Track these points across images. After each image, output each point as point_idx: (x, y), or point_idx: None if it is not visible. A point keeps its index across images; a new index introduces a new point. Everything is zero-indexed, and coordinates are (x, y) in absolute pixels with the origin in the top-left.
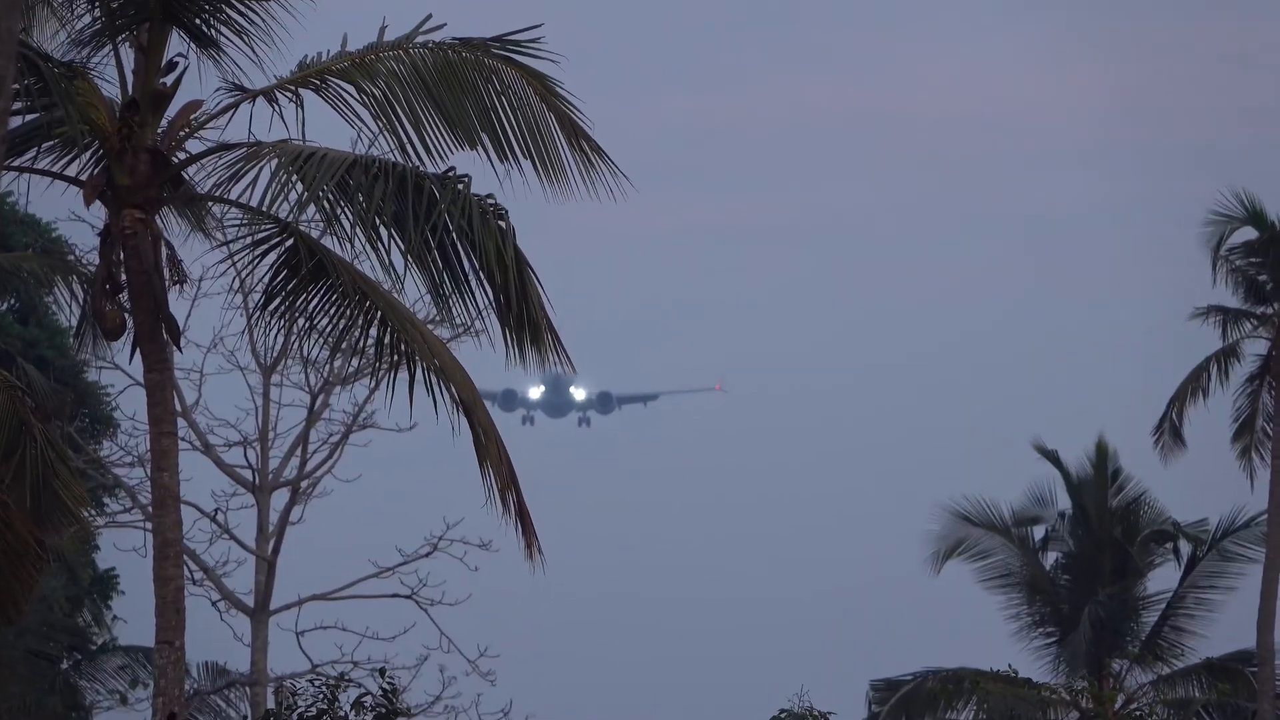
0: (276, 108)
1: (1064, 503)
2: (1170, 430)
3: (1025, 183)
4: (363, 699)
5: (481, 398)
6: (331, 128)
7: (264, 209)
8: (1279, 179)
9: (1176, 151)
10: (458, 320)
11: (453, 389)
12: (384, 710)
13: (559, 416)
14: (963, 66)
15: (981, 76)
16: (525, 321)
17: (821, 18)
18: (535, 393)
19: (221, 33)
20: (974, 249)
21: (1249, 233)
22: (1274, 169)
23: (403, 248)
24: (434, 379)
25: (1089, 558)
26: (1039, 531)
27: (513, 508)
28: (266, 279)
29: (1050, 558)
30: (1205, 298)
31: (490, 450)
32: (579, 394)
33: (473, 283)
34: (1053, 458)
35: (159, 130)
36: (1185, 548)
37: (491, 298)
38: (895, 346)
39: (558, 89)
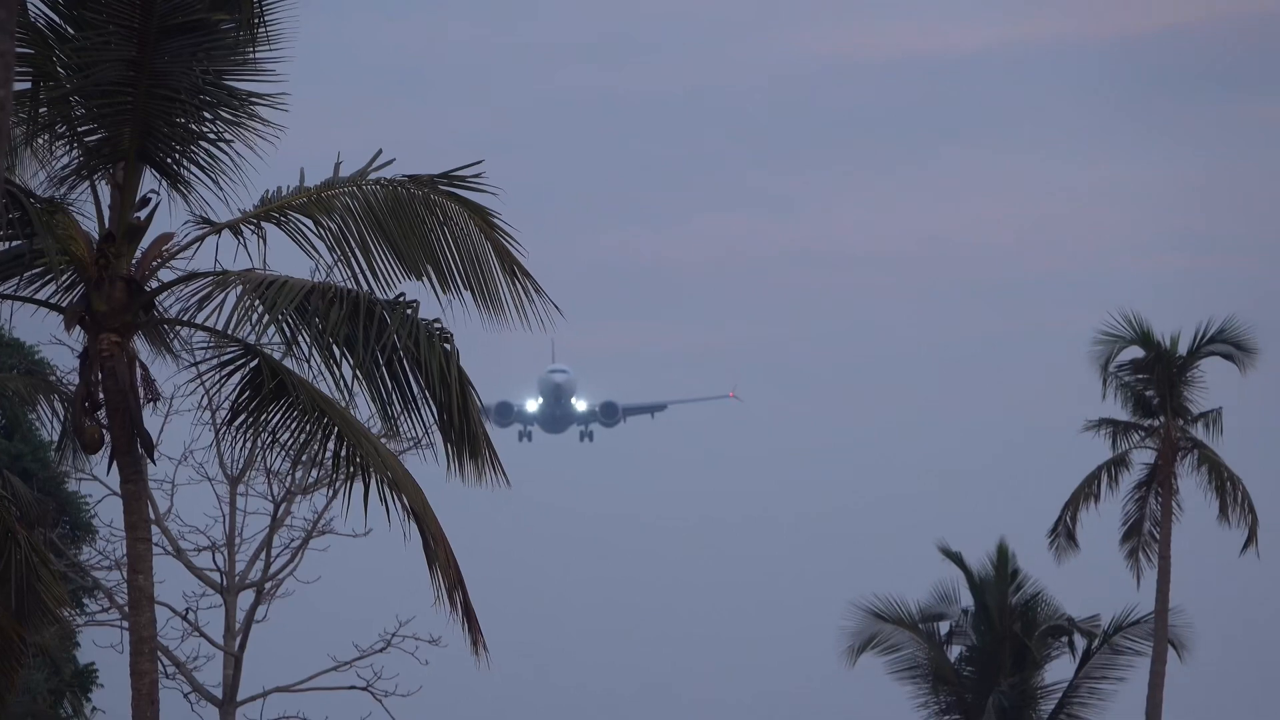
0: (241, 239)
1: (967, 600)
2: (1065, 532)
3: (933, 308)
4: None
5: (429, 507)
6: (292, 256)
7: (229, 332)
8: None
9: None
10: (405, 435)
11: (404, 498)
12: None
13: (559, 430)
14: (875, 206)
15: (890, 215)
16: (465, 436)
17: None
18: (533, 405)
19: (190, 170)
20: (887, 369)
21: (1136, 351)
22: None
23: (354, 367)
24: (386, 489)
25: (990, 651)
26: (944, 626)
27: (459, 606)
28: (232, 397)
29: (955, 651)
30: (1096, 411)
31: (439, 554)
32: (580, 405)
33: (419, 400)
34: (956, 559)
35: (133, 260)
36: (1079, 642)
37: (435, 414)
38: (812, 466)
39: (496, 221)
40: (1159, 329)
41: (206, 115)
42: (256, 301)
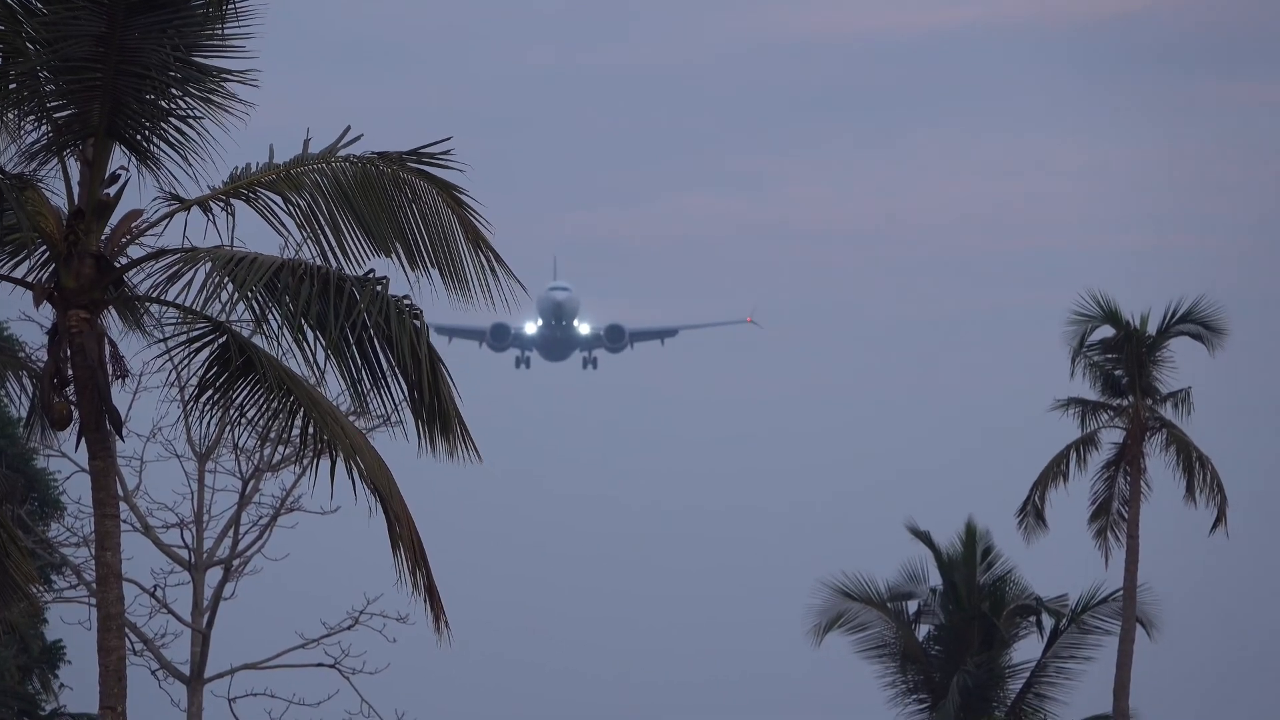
0: (210, 216)
1: (935, 579)
2: (1033, 512)
3: (903, 288)
4: None
5: (396, 486)
6: (261, 233)
7: (198, 309)
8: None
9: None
10: (375, 412)
11: (369, 477)
12: None
13: (560, 357)
14: (841, 184)
15: (855, 194)
16: (436, 413)
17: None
18: (532, 328)
19: (160, 147)
20: (856, 350)
21: (1107, 331)
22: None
23: (324, 346)
24: (352, 466)
25: (958, 630)
26: (912, 606)
27: (422, 585)
28: (200, 373)
29: (923, 630)
30: (1065, 390)
31: (403, 534)
32: (584, 328)
33: (389, 377)
34: (925, 538)
35: (103, 237)
36: (1047, 621)
37: (406, 391)
38: (782, 441)
39: (463, 198)
40: (1129, 309)
41: (176, 92)
42: (226, 278)
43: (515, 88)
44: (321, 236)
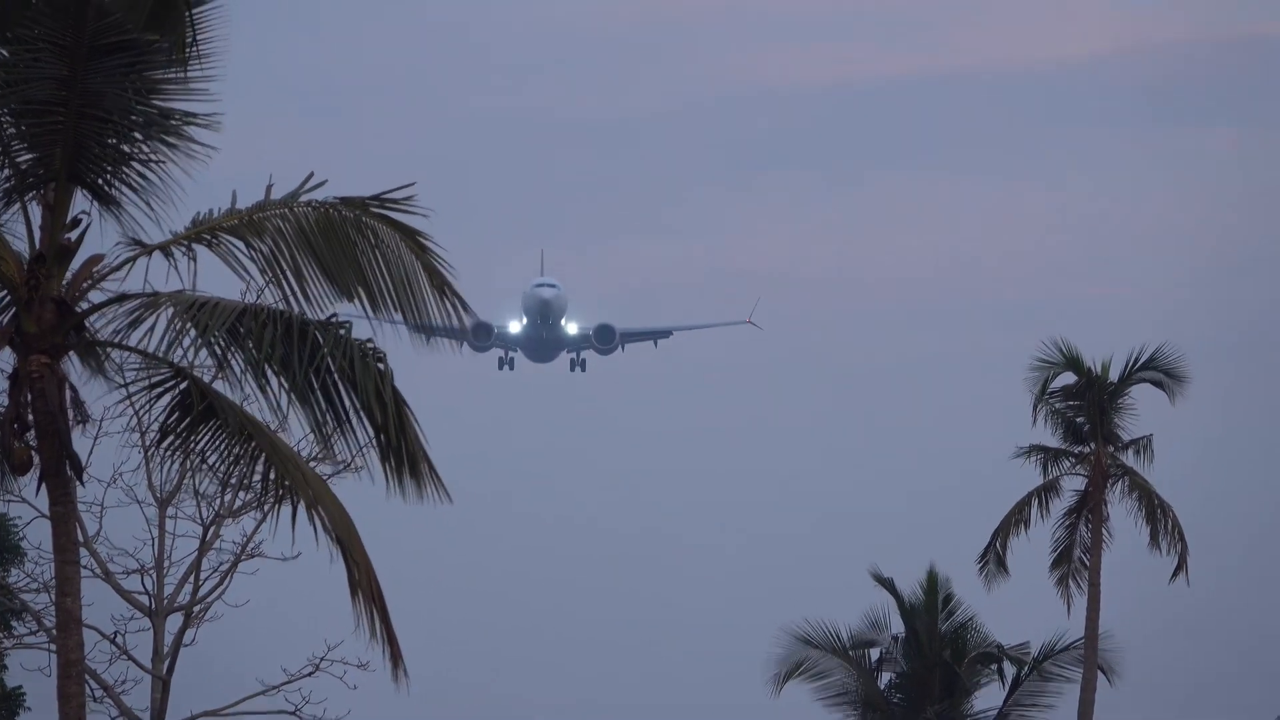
0: (172, 261)
1: (898, 626)
2: (995, 559)
3: (866, 333)
4: None
5: (356, 532)
6: (223, 277)
7: (160, 355)
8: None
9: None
10: (340, 456)
11: (329, 524)
12: None
13: (546, 358)
14: (801, 231)
15: (817, 238)
16: (404, 456)
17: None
18: (516, 327)
19: (122, 191)
20: (818, 393)
21: (1069, 378)
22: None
23: (288, 388)
24: (313, 514)
25: (920, 678)
26: (875, 653)
27: (380, 632)
28: (161, 418)
29: (884, 678)
30: (1028, 437)
31: (362, 581)
32: (572, 328)
33: (354, 420)
34: (888, 585)
35: (64, 281)
36: (1009, 669)
37: (372, 434)
38: (745, 479)
39: (427, 243)
40: (1092, 355)
41: (138, 135)
42: (188, 323)
43: (466, 132)
44: (284, 281)
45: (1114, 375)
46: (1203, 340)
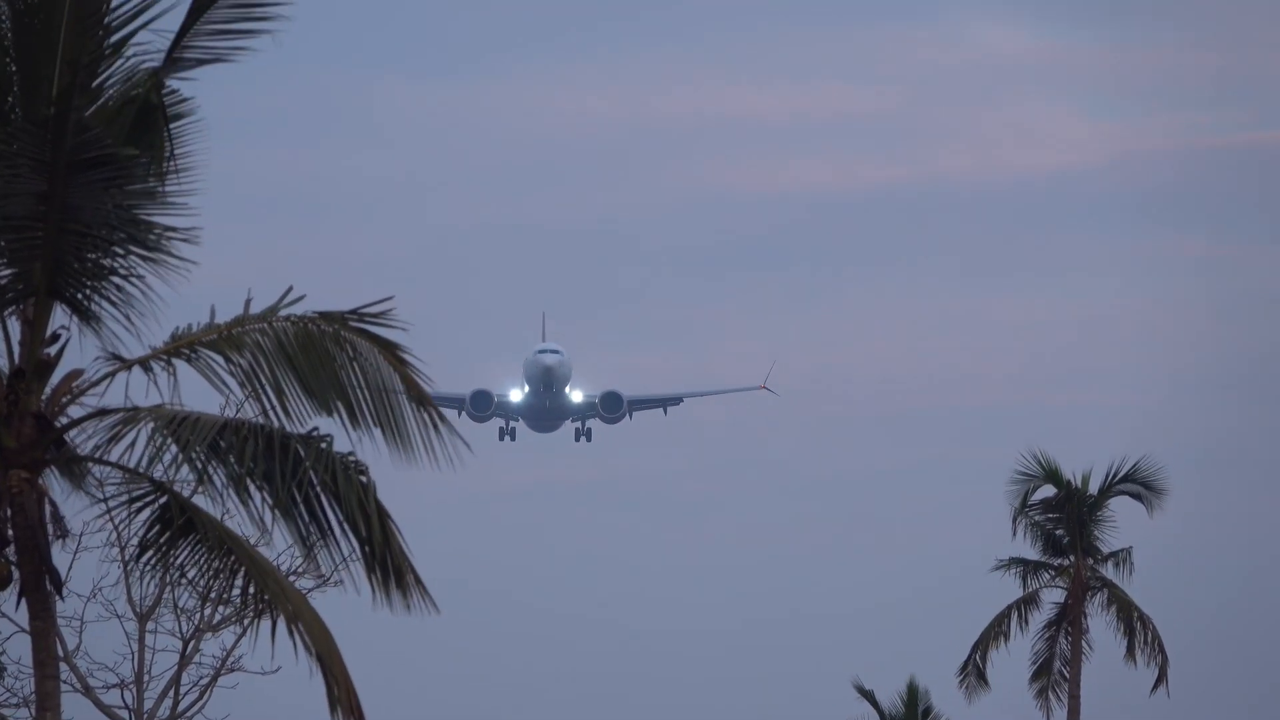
0: (151, 375)
1: None
2: (974, 671)
3: (844, 442)
4: None
5: (336, 647)
6: (203, 390)
7: (141, 470)
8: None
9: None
10: (323, 569)
11: (309, 639)
12: None
13: (550, 427)
14: (769, 337)
15: (789, 347)
16: (390, 568)
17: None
18: (518, 395)
19: (101, 305)
20: (797, 503)
21: (1049, 489)
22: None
23: (271, 503)
24: (293, 629)
25: None
26: None
27: None
28: (141, 533)
29: None
30: (1008, 549)
31: (341, 696)
32: (576, 395)
33: (337, 533)
34: (869, 697)
35: (44, 396)
36: None
37: (356, 547)
38: (721, 587)
39: (406, 356)
40: (1070, 467)
41: (118, 250)
42: (169, 438)
43: (433, 241)
44: (264, 395)
45: (1093, 487)
46: (1183, 448)
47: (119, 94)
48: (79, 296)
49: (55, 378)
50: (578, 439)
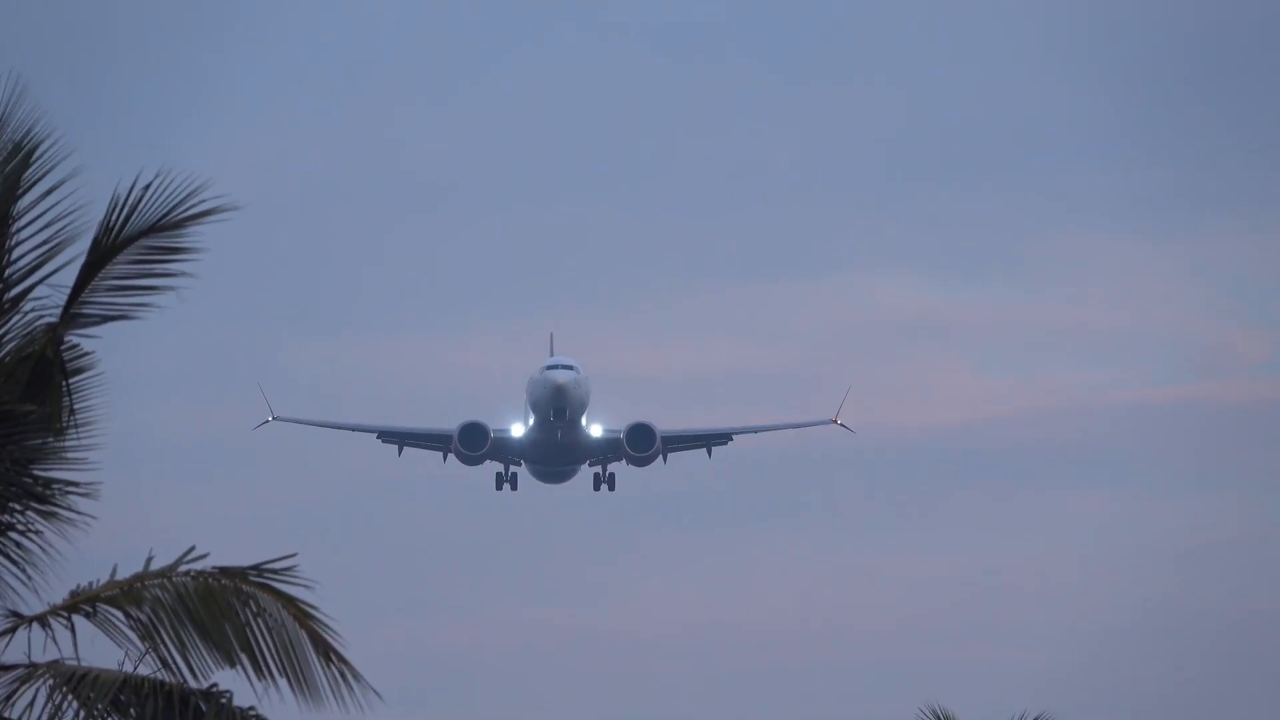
0: (49, 632)
1: None
2: None
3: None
4: None
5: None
6: (102, 643)
7: None
8: None
9: None
10: None
11: None
12: None
13: (563, 476)
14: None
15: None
16: None
17: None
18: (519, 430)
19: None
20: None
21: None
22: None
23: None
24: None
25: None
26: None
27: None
28: None
29: None
30: None
31: None
32: (595, 430)
33: None
34: None
35: None
36: None
37: None
38: None
39: (312, 611)
40: None
41: (16, 506)
42: (69, 696)
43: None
44: (164, 649)
45: None
46: (1090, 702)
47: (15, 350)
48: None
49: None
50: (597, 486)
